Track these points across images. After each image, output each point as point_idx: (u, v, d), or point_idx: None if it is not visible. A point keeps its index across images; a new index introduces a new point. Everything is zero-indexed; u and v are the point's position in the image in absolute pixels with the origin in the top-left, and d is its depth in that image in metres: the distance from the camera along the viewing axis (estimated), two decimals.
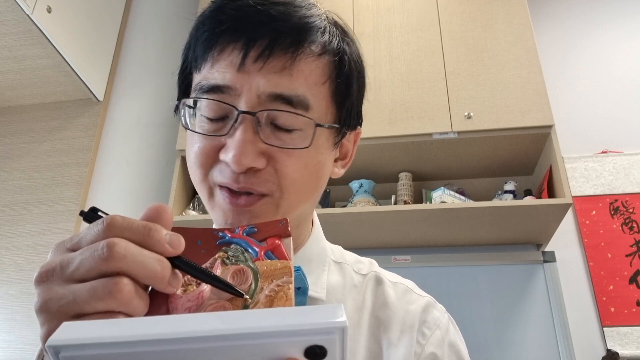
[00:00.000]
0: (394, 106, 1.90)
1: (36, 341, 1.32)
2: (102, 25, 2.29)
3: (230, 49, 0.50)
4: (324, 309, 0.28)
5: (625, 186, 2.08)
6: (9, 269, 1.97)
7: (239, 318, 0.28)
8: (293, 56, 0.50)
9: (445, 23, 2.02)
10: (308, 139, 0.51)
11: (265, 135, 0.50)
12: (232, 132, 0.49)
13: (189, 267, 0.35)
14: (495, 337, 1.84)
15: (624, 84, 2.27)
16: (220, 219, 0.52)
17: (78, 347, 0.27)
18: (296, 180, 0.51)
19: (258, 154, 0.49)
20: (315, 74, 0.52)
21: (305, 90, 0.51)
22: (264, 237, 0.41)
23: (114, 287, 0.31)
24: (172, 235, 0.35)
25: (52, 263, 0.33)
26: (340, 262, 0.66)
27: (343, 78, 0.55)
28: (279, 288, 0.36)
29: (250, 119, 0.49)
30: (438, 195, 1.82)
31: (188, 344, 0.27)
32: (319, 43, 0.53)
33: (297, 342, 0.27)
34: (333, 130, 0.55)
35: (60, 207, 2.05)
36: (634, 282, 1.92)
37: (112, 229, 0.33)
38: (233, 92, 0.50)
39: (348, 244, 0.75)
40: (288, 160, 0.50)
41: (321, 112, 0.53)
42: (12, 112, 2.30)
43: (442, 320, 0.61)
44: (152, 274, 0.33)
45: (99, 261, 0.31)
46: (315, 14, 0.54)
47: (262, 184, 0.50)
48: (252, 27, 0.50)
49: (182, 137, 1.97)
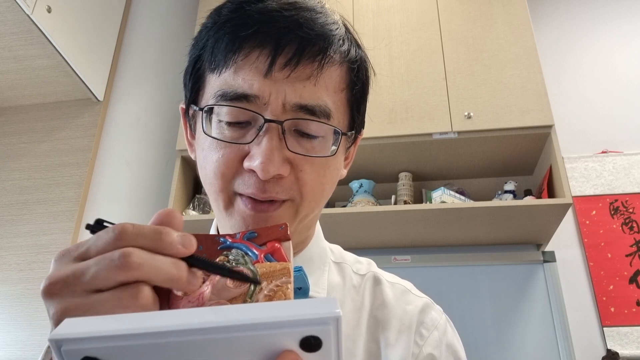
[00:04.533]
0: (394, 106, 1.90)
1: (36, 341, 1.34)
2: (102, 25, 2.29)
3: (257, 54, 0.49)
4: (318, 301, 0.29)
5: (625, 186, 2.08)
6: (9, 269, 1.97)
7: (234, 311, 0.28)
8: (320, 64, 0.50)
9: (445, 23, 2.02)
10: (329, 147, 0.52)
11: (290, 143, 0.50)
12: (257, 140, 0.49)
13: (205, 264, 0.36)
14: (495, 337, 1.84)
15: (624, 84, 2.27)
16: (238, 225, 0.52)
17: (79, 340, 0.27)
18: (315, 187, 0.52)
19: (283, 161, 0.49)
20: (335, 82, 0.53)
21: (327, 99, 0.51)
22: (264, 242, 0.42)
23: (139, 295, 0.32)
24: (183, 236, 0.35)
25: (61, 273, 0.33)
26: (339, 262, 0.66)
27: (360, 85, 0.56)
28: (277, 288, 0.37)
29: (277, 127, 0.49)
30: (438, 195, 1.82)
31: (184, 336, 0.27)
32: (340, 52, 0.53)
33: (292, 333, 0.28)
34: (348, 136, 0.56)
35: (60, 207, 2.05)
36: (634, 282, 1.92)
37: (123, 237, 0.33)
38: (259, 101, 0.49)
39: (348, 244, 0.75)
40: (310, 168, 0.51)
41: (340, 119, 0.54)
42: (12, 112, 2.30)
43: (439, 321, 0.61)
44: (170, 277, 0.33)
45: (115, 271, 0.32)
46: (335, 21, 0.54)
47: (285, 192, 0.50)
48: (279, 33, 0.49)
49: (182, 137, 1.96)
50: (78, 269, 0.33)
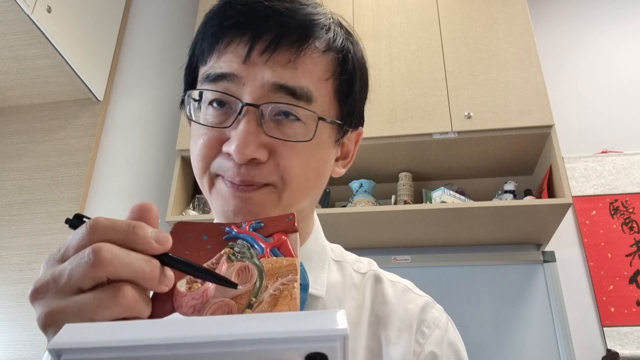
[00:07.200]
0: (394, 106, 1.90)
1: (36, 341, 1.34)
2: (102, 25, 2.29)
3: (237, 42, 0.51)
4: (325, 314, 0.28)
5: (625, 186, 2.08)
6: (9, 269, 1.97)
7: (240, 323, 0.28)
8: (298, 51, 0.51)
9: (445, 23, 2.02)
10: (310, 133, 0.51)
11: (268, 127, 0.50)
12: (235, 125, 0.50)
13: (179, 263, 0.35)
14: (495, 337, 1.84)
15: (624, 84, 2.27)
16: (220, 206, 0.52)
17: (80, 350, 0.27)
18: (298, 174, 0.52)
19: (260, 145, 0.49)
20: (319, 69, 0.53)
21: (309, 84, 0.51)
22: (271, 233, 0.41)
23: (119, 294, 0.31)
24: (158, 232, 0.34)
25: (44, 277, 0.33)
26: (340, 260, 0.66)
27: (346, 76, 0.56)
28: (283, 287, 0.36)
29: (254, 111, 0.50)
30: (438, 195, 1.82)
31: (188, 349, 0.27)
32: (324, 40, 0.54)
33: (297, 349, 0.27)
34: (335, 127, 0.56)
35: (60, 207, 2.05)
36: (634, 282, 1.92)
37: (95, 231, 0.33)
38: (237, 81, 0.50)
39: (348, 243, 0.75)
40: (290, 154, 0.51)
41: (324, 107, 0.54)
42: (12, 112, 2.30)
43: (441, 319, 0.61)
44: (141, 275, 0.32)
45: (87, 268, 0.31)
46: (321, 13, 0.55)
47: (264, 176, 0.50)
48: (259, 21, 0.51)
49: (182, 137, 1.96)
50: (57, 271, 0.33)
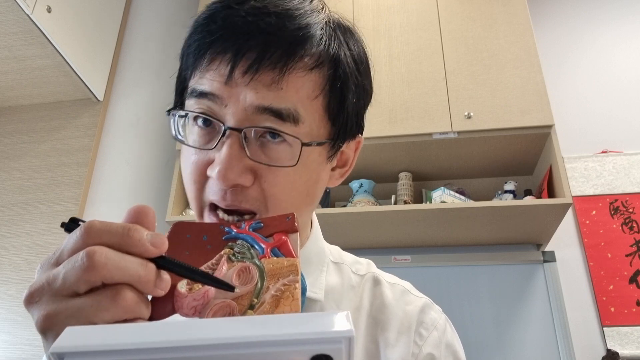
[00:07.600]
0: (394, 106, 1.90)
1: (36, 341, 1.34)
2: (102, 25, 2.29)
3: (219, 60, 0.49)
4: (330, 316, 0.28)
5: (625, 186, 2.08)
6: (9, 269, 1.97)
7: (244, 325, 0.27)
8: (282, 71, 0.48)
9: (445, 23, 2.02)
10: (295, 157, 0.49)
11: (252, 151, 0.48)
12: (219, 146, 0.48)
13: (175, 265, 0.35)
14: (495, 337, 1.84)
15: (624, 84, 2.27)
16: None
17: (82, 354, 0.26)
18: (283, 200, 0.50)
19: (244, 169, 0.48)
20: (306, 87, 0.50)
21: (296, 103, 0.49)
22: (271, 233, 0.41)
23: (118, 296, 0.31)
24: (154, 235, 0.34)
25: (39, 282, 0.33)
26: (338, 262, 0.66)
27: (337, 92, 0.52)
28: (285, 287, 0.36)
29: (237, 135, 0.48)
30: (438, 195, 1.82)
31: (194, 351, 0.26)
32: (313, 55, 0.50)
33: (303, 351, 0.27)
34: (326, 145, 0.53)
35: (60, 207, 2.05)
36: (634, 282, 1.92)
37: (90, 234, 0.32)
38: (220, 102, 0.49)
39: (348, 244, 0.75)
40: (274, 180, 0.49)
41: (313, 126, 0.51)
42: (12, 112, 2.30)
43: (439, 321, 0.61)
44: (136, 279, 0.32)
45: (80, 272, 0.31)
46: (313, 22, 0.51)
47: (249, 202, 0.49)
48: (241, 39, 0.48)
49: None
50: (51, 275, 0.32)
